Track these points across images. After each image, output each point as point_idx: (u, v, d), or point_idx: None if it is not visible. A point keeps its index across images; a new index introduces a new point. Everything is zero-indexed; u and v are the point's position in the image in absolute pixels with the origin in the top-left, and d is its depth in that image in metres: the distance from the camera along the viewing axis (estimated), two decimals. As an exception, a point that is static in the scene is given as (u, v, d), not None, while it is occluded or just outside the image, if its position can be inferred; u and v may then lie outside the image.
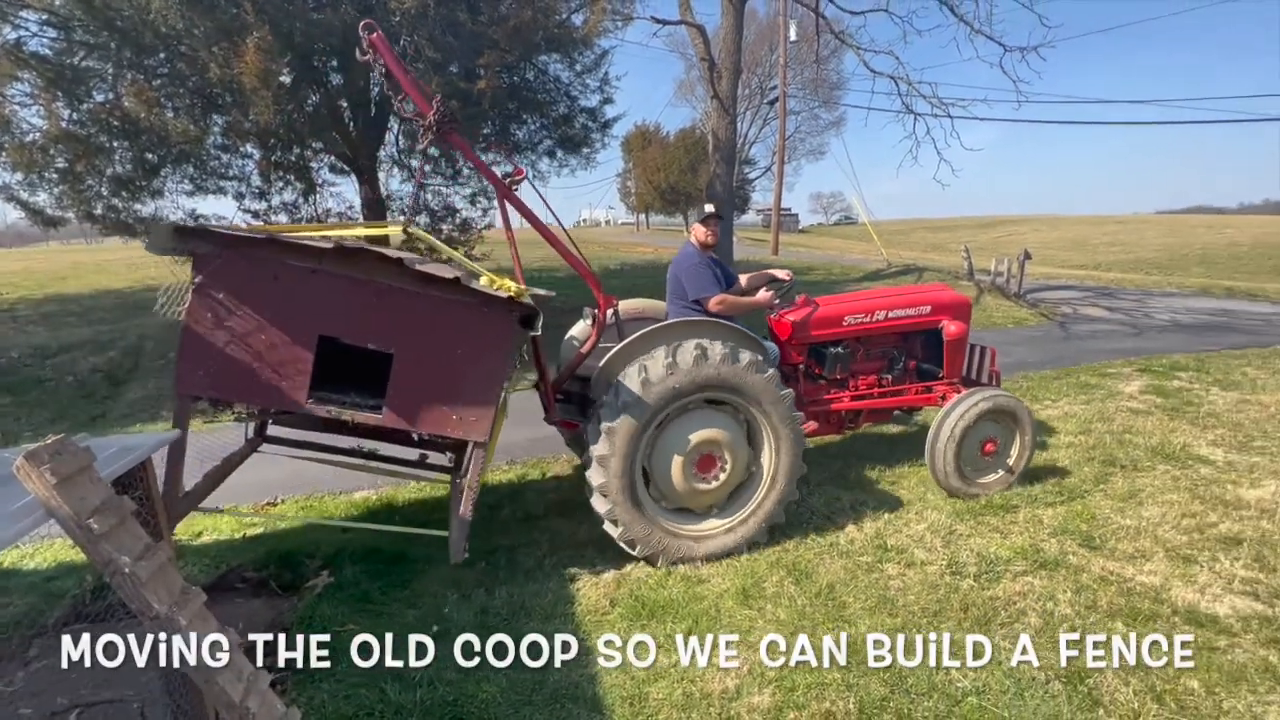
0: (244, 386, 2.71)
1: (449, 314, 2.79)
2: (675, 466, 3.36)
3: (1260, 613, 2.79)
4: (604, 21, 9.70)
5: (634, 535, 3.31)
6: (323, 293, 2.69)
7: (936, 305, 4.43)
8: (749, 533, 3.51)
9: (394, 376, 2.80)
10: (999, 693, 2.35)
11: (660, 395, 3.19)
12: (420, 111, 3.18)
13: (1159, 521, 3.62)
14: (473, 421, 2.89)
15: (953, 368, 4.46)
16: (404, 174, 10.33)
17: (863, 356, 4.43)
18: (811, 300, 4.29)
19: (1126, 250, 39.97)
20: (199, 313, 2.58)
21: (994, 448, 4.07)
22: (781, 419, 3.45)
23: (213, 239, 2.56)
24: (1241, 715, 2.23)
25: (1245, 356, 8.37)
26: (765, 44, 38.97)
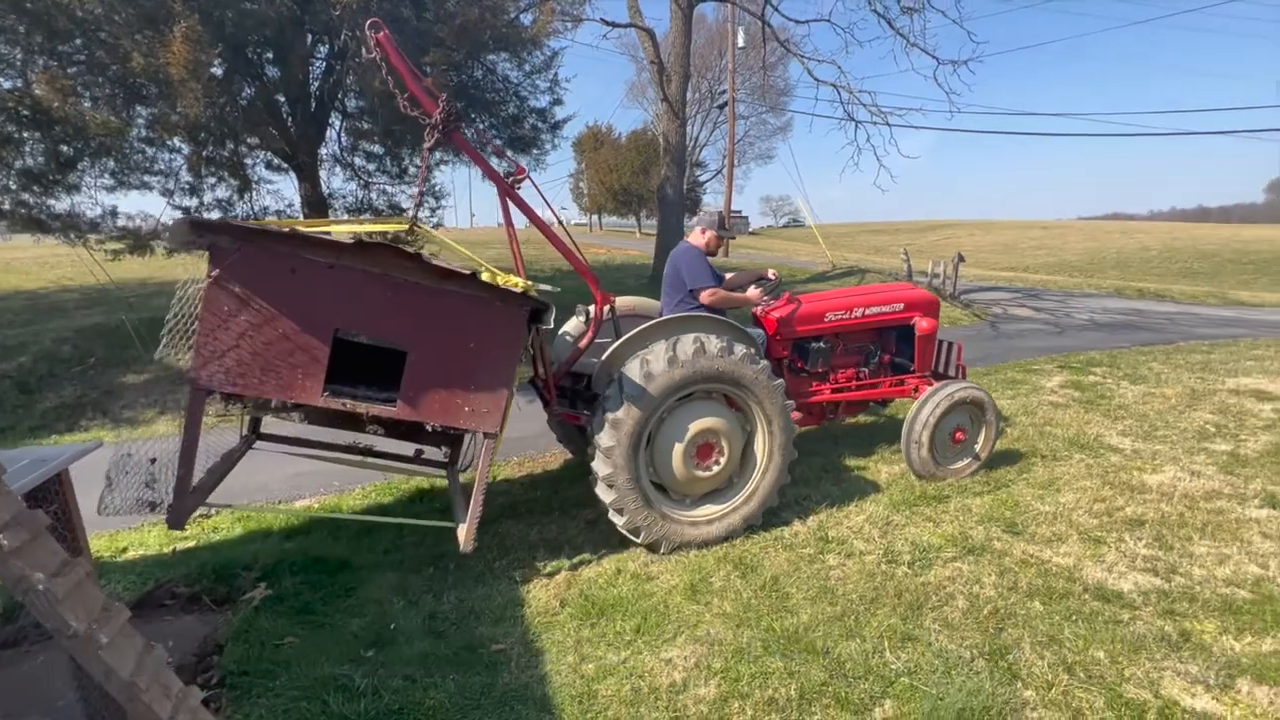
0: (259, 380, 2.69)
1: (464, 308, 2.87)
2: (676, 455, 3.49)
3: (1158, 587, 3.05)
4: (553, 22, 9.67)
5: (638, 523, 3.41)
6: (339, 287, 2.71)
7: (909, 303, 4.71)
8: (746, 516, 3.67)
9: (409, 369, 2.85)
10: (929, 672, 2.48)
11: (663, 387, 3.32)
12: (426, 111, 3.20)
13: (1073, 507, 3.90)
14: (485, 413, 2.99)
15: (924, 362, 4.74)
16: (347, 172, 10.01)
17: (842, 351, 4.68)
18: (795, 298, 4.50)
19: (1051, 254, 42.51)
20: (215, 306, 2.57)
21: (963, 436, 4.38)
22: (774, 407, 3.62)
23: (231, 232, 2.57)
24: (1141, 681, 2.43)
25: (1151, 353, 9.07)
26: (715, 49, 39.59)
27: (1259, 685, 2.38)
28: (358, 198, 10.06)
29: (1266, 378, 7.25)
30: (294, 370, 2.71)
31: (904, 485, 4.27)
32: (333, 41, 7.90)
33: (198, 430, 2.68)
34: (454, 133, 3.27)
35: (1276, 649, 2.59)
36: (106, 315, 9.43)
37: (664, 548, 3.50)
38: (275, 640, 2.78)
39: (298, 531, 3.98)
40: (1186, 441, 5.08)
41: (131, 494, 2.74)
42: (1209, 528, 3.61)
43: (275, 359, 2.68)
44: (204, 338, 2.58)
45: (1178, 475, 4.35)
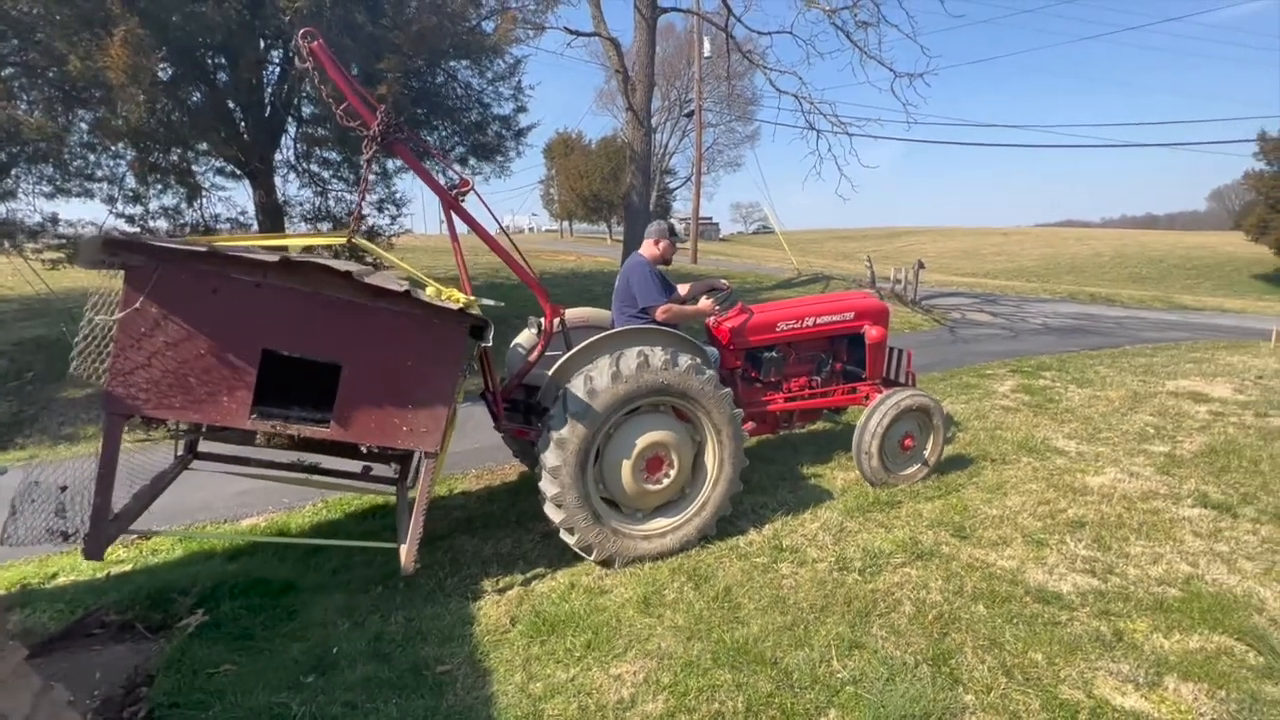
0: (182, 404, 2.60)
1: (398, 326, 2.80)
2: (625, 470, 3.46)
3: (1095, 587, 3.15)
4: (515, 30, 9.63)
5: (589, 540, 3.38)
6: (267, 306, 2.63)
7: (859, 311, 4.80)
8: (699, 527, 3.67)
9: (342, 389, 2.79)
10: (873, 680, 2.51)
11: (607, 403, 3.28)
12: (364, 122, 3.12)
13: (1019, 510, 4.01)
14: (423, 433, 2.93)
15: (874, 369, 4.83)
16: (302, 179, 9.79)
17: (794, 360, 4.75)
18: (747, 308, 4.52)
19: (1010, 260, 43.93)
20: (132, 328, 2.46)
21: (912, 443, 4.45)
22: (722, 417, 3.62)
23: (148, 251, 2.46)
24: (1075, 681, 2.50)
25: (1099, 356, 9.41)
26: (683, 58, 39.96)
27: (1185, 682, 2.47)
28: (314, 205, 9.86)
29: (1203, 380, 7.59)
30: (219, 392, 2.63)
31: (858, 491, 4.33)
32: (286, 47, 7.73)
33: (115, 455, 2.55)
34: (394, 144, 3.20)
35: (1203, 646, 2.69)
36: (47, 328, 9.02)
37: (617, 563, 3.47)
38: (210, 669, 2.68)
39: (241, 552, 3.85)
40: (1127, 443, 5.27)
41: (40, 523, 2.60)
42: (1144, 528, 3.74)
43: (198, 381, 2.59)
44: (120, 360, 2.47)
45: (1118, 477, 4.51)
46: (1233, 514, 3.91)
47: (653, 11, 12.99)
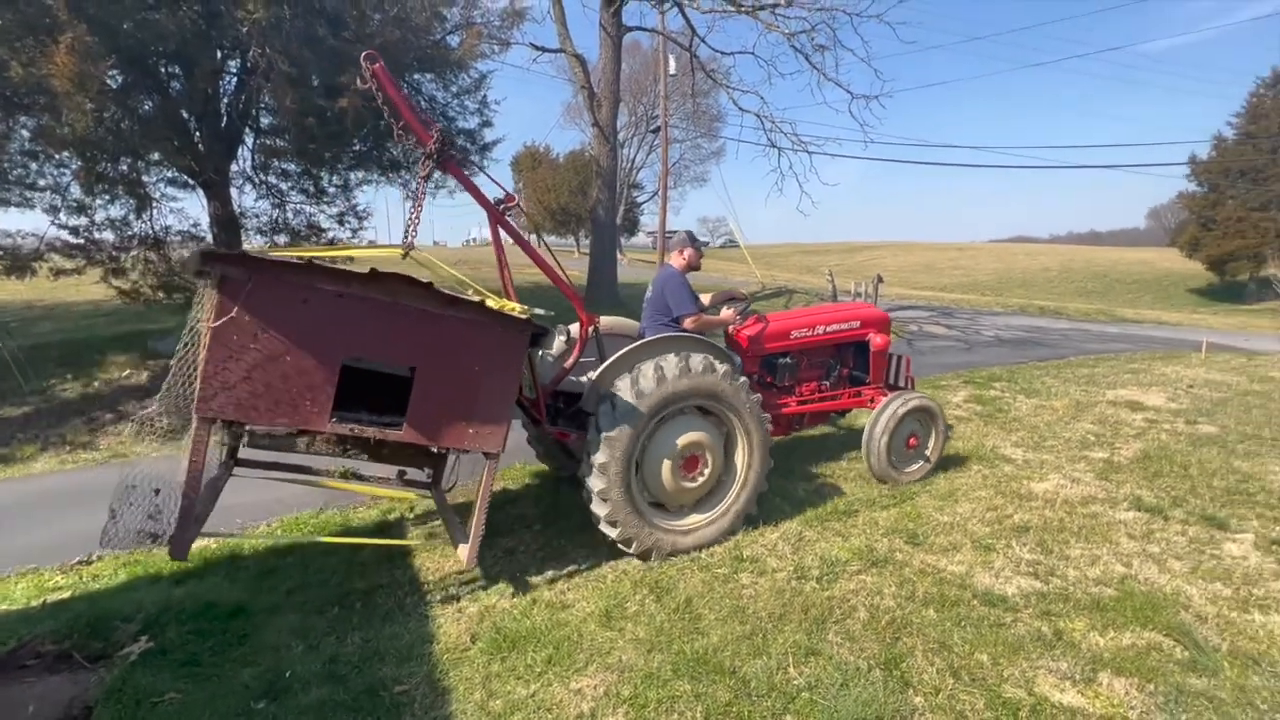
0: (267, 408, 2.72)
1: (469, 334, 2.97)
2: (665, 468, 3.68)
3: (1038, 589, 3.29)
4: (480, 45, 9.66)
5: (630, 534, 3.57)
6: (349, 315, 2.77)
7: (864, 320, 5.12)
8: (729, 524, 3.90)
9: (415, 393, 2.94)
10: (828, 686, 2.58)
11: (652, 404, 3.50)
12: (420, 141, 3.30)
13: (969, 516, 4.16)
14: (488, 434, 3.10)
15: (878, 374, 5.15)
16: (259, 190, 9.57)
17: (806, 366, 5.06)
18: (763, 317, 4.83)
19: (966, 274, 45.54)
20: (224, 336, 2.58)
21: (916, 442, 4.80)
22: (753, 420, 3.86)
23: (245, 263, 2.60)
24: (1018, 680, 2.61)
25: (1046, 367, 9.85)
26: (649, 75, 40.53)
27: (1118, 677, 2.60)
28: (271, 217, 9.63)
29: (1140, 389, 8.01)
30: (302, 397, 2.75)
31: (818, 501, 4.44)
32: (244, 56, 7.60)
33: (203, 459, 2.67)
34: (447, 162, 3.33)
35: (1134, 642, 2.84)
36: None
37: (655, 557, 3.66)
38: (154, 698, 2.58)
39: (190, 575, 3.71)
40: (1070, 450, 5.53)
41: (135, 525, 2.77)
42: (1084, 531, 3.93)
43: (283, 386, 2.71)
44: (211, 366, 2.58)
45: (1060, 483, 4.73)
46: (1164, 516, 4.14)
47: (618, 30, 13.20)
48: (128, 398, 7.62)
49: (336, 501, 4.77)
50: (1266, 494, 4.49)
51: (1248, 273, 36.28)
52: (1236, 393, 7.80)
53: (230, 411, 2.67)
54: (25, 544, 4.26)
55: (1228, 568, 3.48)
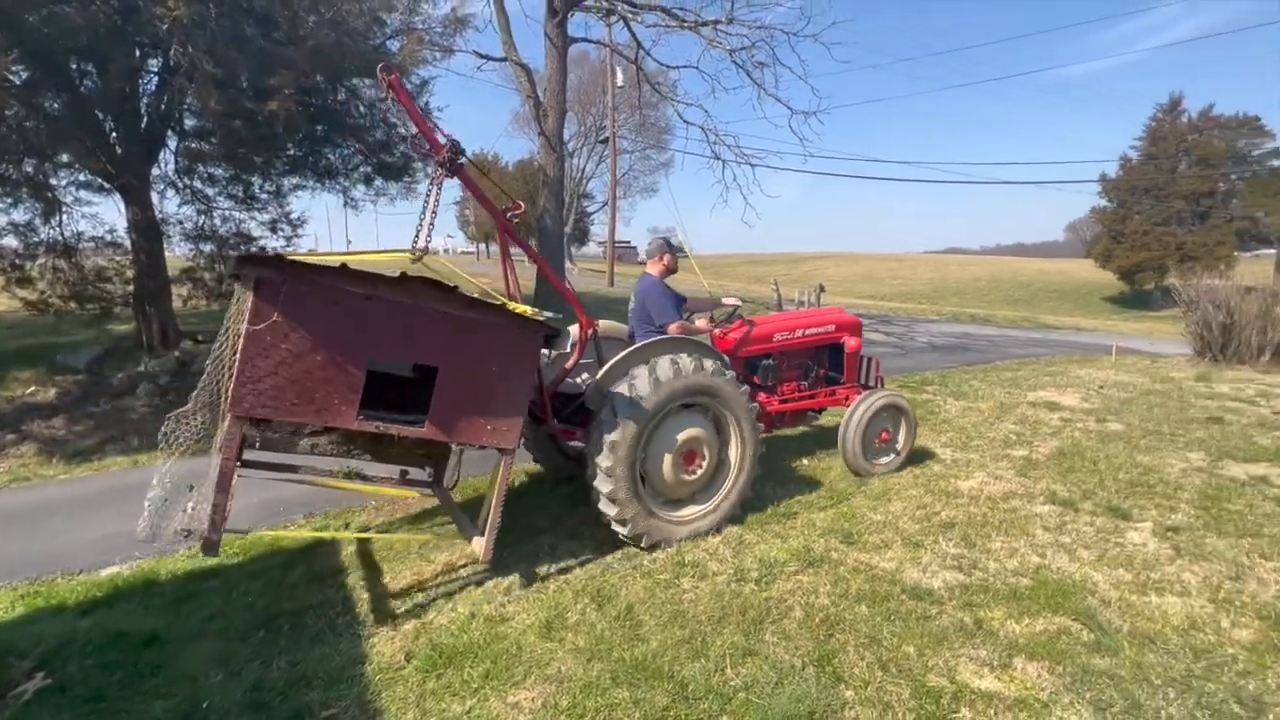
0: (298, 406, 2.80)
1: (488, 335, 3.11)
2: (666, 463, 3.88)
3: (961, 582, 3.46)
4: (422, 51, 9.51)
5: (639, 529, 3.77)
6: (375, 317, 2.88)
7: (839, 324, 5.49)
8: (728, 510, 4.16)
9: (438, 392, 3.06)
10: (764, 685, 2.63)
11: (655, 402, 3.68)
12: (433, 149, 3.43)
13: (900, 515, 4.33)
14: (504, 431, 3.24)
15: (851, 374, 5.54)
16: (183, 195, 9.08)
17: (786, 367, 5.38)
18: (748, 321, 5.08)
19: (904, 284, 47.59)
20: (258, 336, 2.66)
21: (888, 436, 5.19)
22: (744, 413, 4.11)
23: (278, 266, 2.69)
24: (941, 670, 2.73)
25: (974, 371, 10.38)
26: (598, 86, 40.78)
27: (1031, 661, 2.76)
28: (196, 224, 9.15)
29: (1057, 390, 8.54)
30: (331, 395, 2.84)
31: (759, 503, 4.53)
32: (165, 55, 7.23)
33: (235, 457, 2.76)
34: (458, 170, 3.49)
35: (1046, 628, 3.02)
36: None
37: (663, 548, 3.86)
38: (51, 738, 2.39)
39: (98, 604, 3.47)
40: (993, 449, 5.84)
41: (173, 522, 2.87)
42: (1004, 525, 4.16)
43: (313, 385, 2.80)
44: (245, 366, 2.65)
45: (984, 480, 4.99)
46: (1075, 508, 4.42)
47: (563, 41, 13.25)
48: (32, 416, 7.06)
49: (269, 519, 4.56)
50: (1164, 485, 4.86)
51: (1153, 282, 39.33)
52: (1141, 392, 8.43)
53: (263, 410, 2.74)
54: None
55: (1129, 554, 3.75)
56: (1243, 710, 2.44)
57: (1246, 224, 41.06)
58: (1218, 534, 3.99)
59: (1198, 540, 3.91)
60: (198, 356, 8.97)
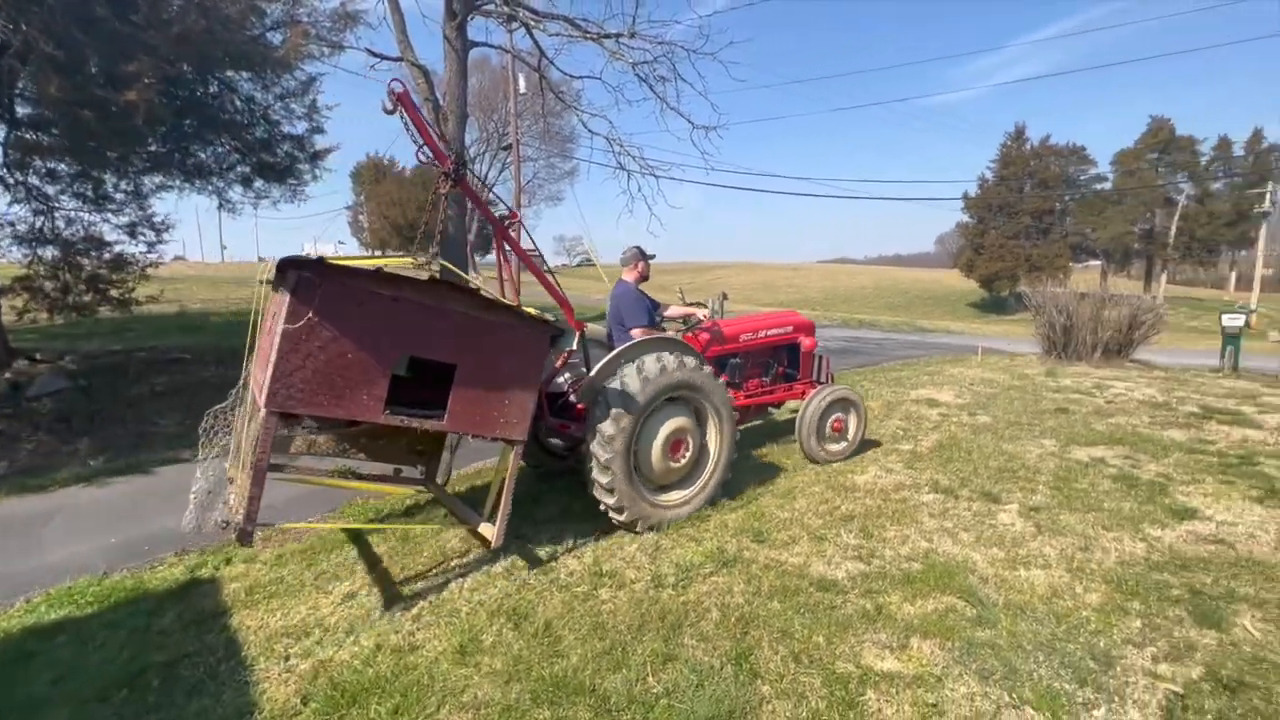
0: (329, 401, 2.93)
1: (503, 335, 3.37)
2: (655, 452, 4.22)
3: (863, 571, 3.69)
4: (308, 45, 8.90)
5: (635, 515, 4.11)
6: (402, 317, 3.05)
7: (796, 326, 6.08)
8: (710, 493, 4.56)
9: (456, 388, 3.27)
10: (685, 689, 2.66)
11: (643, 398, 4.01)
12: (439, 161, 3.59)
13: (805, 511, 4.56)
14: (515, 424, 3.51)
15: (806, 371, 6.11)
16: (15, 193, 7.87)
17: (750, 365, 5.85)
18: (716, 323, 5.43)
19: (798, 291, 50.42)
20: (295, 334, 2.76)
21: (840, 425, 5.71)
22: (722, 404, 4.54)
23: (313, 269, 2.80)
24: (848, 656, 2.89)
25: (864, 372, 11.17)
26: (500, 92, 40.05)
27: (925, 640, 2.99)
28: (32, 225, 7.97)
29: (935, 388, 9.37)
30: (360, 391, 2.98)
31: (673, 510, 4.59)
32: (-8, 31, 6.26)
33: (269, 452, 2.85)
34: (462, 180, 3.64)
35: (936, 607, 3.28)
36: None
37: (655, 531, 4.20)
38: None
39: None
40: (884, 444, 6.30)
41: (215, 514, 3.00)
42: (896, 515, 4.48)
43: (344, 381, 2.93)
44: (282, 363, 2.75)
45: (877, 474, 5.37)
46: (955, 495, 4.86)
47: (463, 44, 12.89)
48: None
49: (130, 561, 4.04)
50: (1025, 470, 5.46)
51: (1008, 289, 44.42)
52: (1003, 388, 9.44)
53: (296, 404, 2.85)
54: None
55: (1001, 534, 4.16)
56: (1096, 665, 2.78)
57: (1078, 238, 47.40)
58: (1069, 510, 4.53)
59: (1054, 517, 4.41)
60: (36, 379, 7.80)
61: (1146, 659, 2.82)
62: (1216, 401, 8.23)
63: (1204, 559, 3.75)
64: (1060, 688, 2.63)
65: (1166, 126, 46.78)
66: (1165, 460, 5.68)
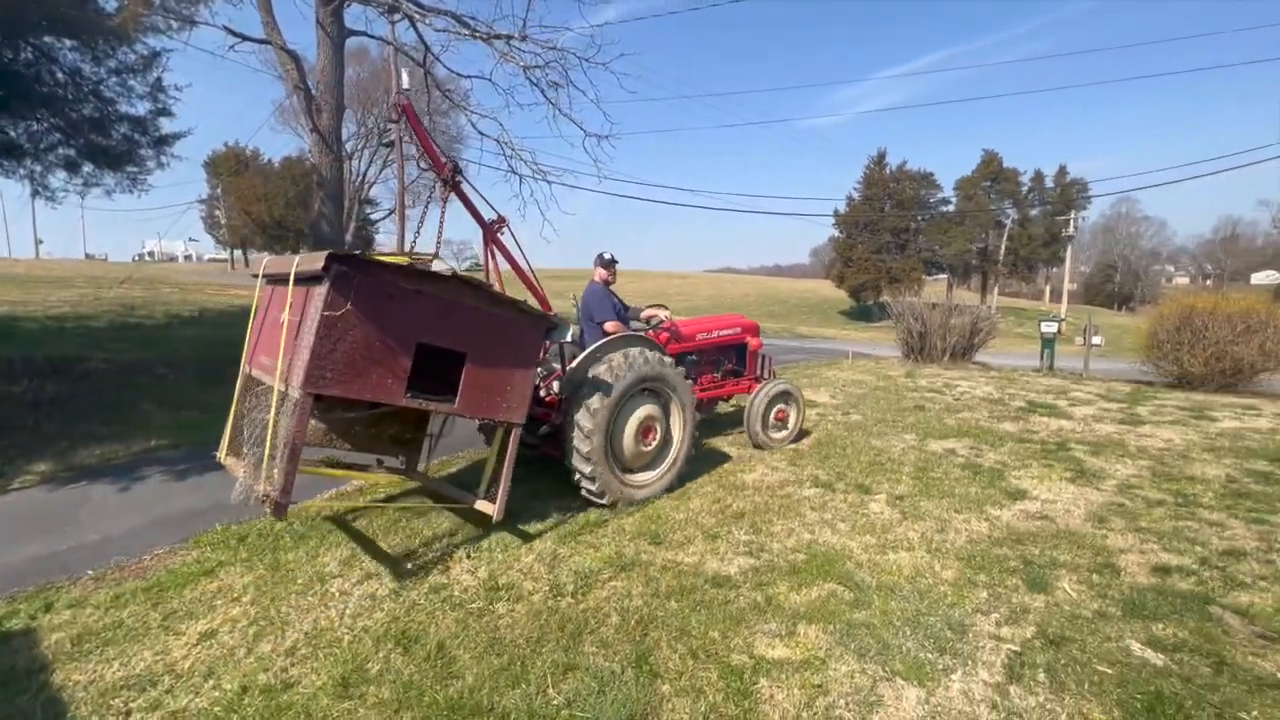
0: (358, 384, 3.15)
1: (506, 326, 3.73)
2: (628, 436, 4.76)
3: (753, 565, 3.87)
4: (150, 16, 7.90)
5: (609, 491, 4.61)
6: (422, 309, 3.33)
7: (743, 327, 6.77)
8: (676, 475, 5.15)
9: (466, 375, 3.58)
10: (586, 697, 2.64)
11: (620, 387, 4.55)
12: (437, 169, 4.10)
13: (699, 511, 4.71)
14: (515, 407, 3.86)
15: (752, 368, 6.82)
16: None
17: (704, 363, 6.44)
18: (674, 324, 5.89)
19: (688, 299, 52.12)
20: (333, 322, 3.02)
21: (783, 415, 6.49)
22: (686, 396, 5.17)
23: (351, 263, 3.07)
24: (742, 648, 3.01)
25: (751, 377, 11.75)
26: (381, 85, 37.81)
27: (810, 625, 3.19)
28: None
29: (814, 390, 10.08)
30: (385, 375, 3.23)
31: (570, 517, 4.56)
32: None
33: (304, 429, 3.06)
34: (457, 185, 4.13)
35: (819, 594, 3.52)
36: None
37: (620, 506, 4.69)
38: None
39: None
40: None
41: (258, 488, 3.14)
42: (782, 510, 4.76)
43: (371, 366, 3.17)
44: (318, 347, 2.98)
45: (764, 472, 5.67)
46: (832, 489, 5.25)
47: (339, 32, 12.02)
48: None
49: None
50: (892, 462, 6.02)
51: (873, 299, 48.88)
52: (871, 388, 10.35)
53: (330, 386, 3.08)
54: None
55: (872, 522, 4.55)
56: (952, 633, 3.12)
57: (929, 254, 53.22)
58: (928, 497, 5.05)
59: (915, 504, 4.90)
60: None
61: (991, 624, 3.21)
62: (1038, 397, 9.57)
63: (1033, 533, 4.34)
64: (925, 657, 2.92)
65: (996, 159, 54.02)
66: (1001, 449, 6.51)
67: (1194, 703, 2.58)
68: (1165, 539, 4.21)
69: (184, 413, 7.90)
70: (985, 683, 2.75)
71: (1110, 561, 3.88)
